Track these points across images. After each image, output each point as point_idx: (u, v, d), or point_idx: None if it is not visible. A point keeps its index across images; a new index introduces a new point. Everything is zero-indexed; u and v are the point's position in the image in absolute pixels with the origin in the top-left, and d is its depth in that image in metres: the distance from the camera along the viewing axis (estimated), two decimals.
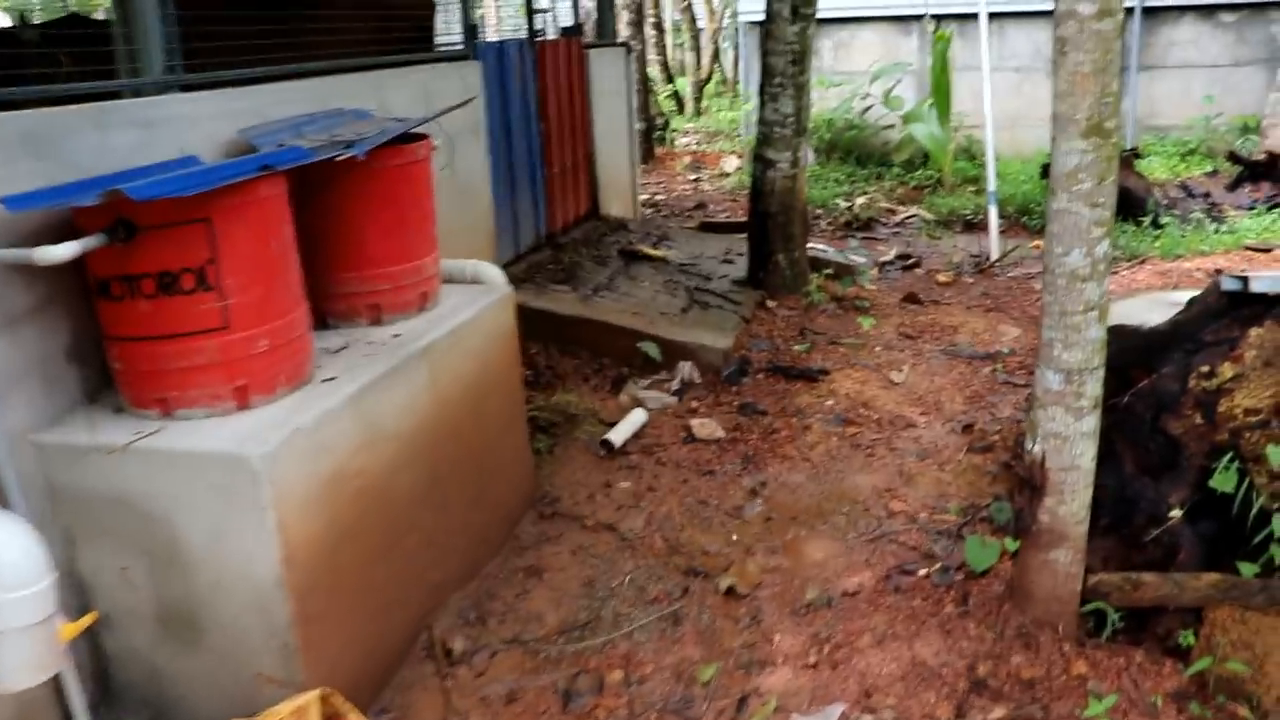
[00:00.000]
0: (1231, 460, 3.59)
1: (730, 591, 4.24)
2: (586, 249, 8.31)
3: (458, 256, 6.34)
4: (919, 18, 14.37)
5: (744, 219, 8.03)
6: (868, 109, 13.91)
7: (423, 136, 4.41)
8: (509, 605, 4.21)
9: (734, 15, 17.71)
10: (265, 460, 3.08)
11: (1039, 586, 3.55)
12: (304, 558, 3.28)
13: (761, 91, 7.74)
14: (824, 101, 14.44)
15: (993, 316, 7.45)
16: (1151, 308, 5.45)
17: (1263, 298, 3.77)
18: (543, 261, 7.74)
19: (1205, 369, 3.72)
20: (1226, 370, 3.68)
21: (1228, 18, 13.69)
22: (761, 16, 7.69)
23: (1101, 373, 3.27)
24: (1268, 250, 8.96)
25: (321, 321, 4.23)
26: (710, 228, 10.59)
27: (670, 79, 22.14)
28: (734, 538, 4.66)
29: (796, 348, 6.73)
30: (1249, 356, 3.67)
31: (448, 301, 4.55)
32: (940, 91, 12.50)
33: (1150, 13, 13.52)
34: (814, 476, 5.19)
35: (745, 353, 6.67)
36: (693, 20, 22.37)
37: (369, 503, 3.65)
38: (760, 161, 7.76)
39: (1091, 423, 3.30)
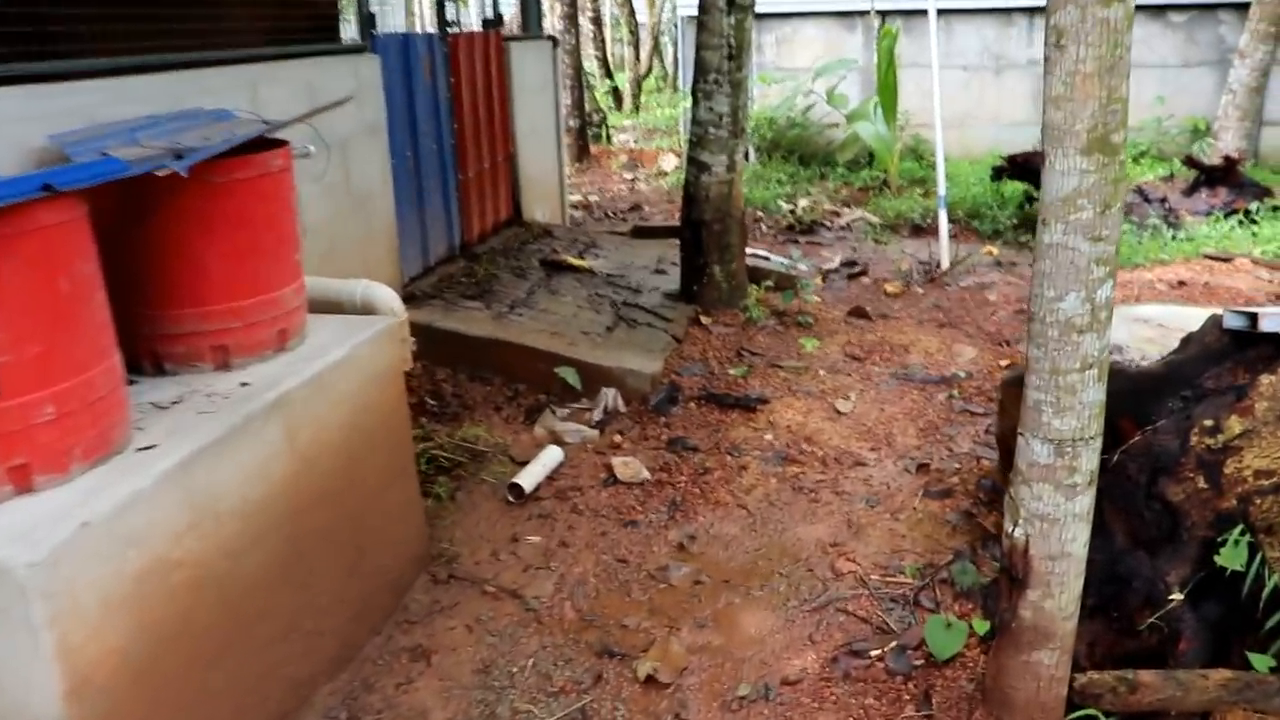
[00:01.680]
0: (1241, 532, 3.00)
1: (650, 680, 3.59)
2: (505, 259, 7.62)
3: (352, 273, 5.65)
4: (864, 13, 13.86)
5: (680, 223, 7.40)
6: (810, 107, 13.35)
7: (281, 143, 3.71)
8: (388, 700, 3.54)
9: (674, 9, 17.06)
10: (36, 570, 2.38)
11: (1019, 692, 2.94)
12: (104, 679, 2.58)
13: (695, 89, 7.10)
14: (765, 99, 13.87)
15: (946, 333, 6.87)
16: (1116, 325, 4.88)
17: (1273, 338, 3.18)
18: (455, 274, 7.05)
19: (1208, 423, 3.13)
20: (1233, 425, 3.09)
21: (1177, 18, 13.30)
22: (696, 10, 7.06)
23: (1099, 443, 2.66)
24: (1228, 259, 8.49)
25: (158, 366, 3.53)
26: (643, 233, 9.94)
27: (609, 74, 21.47)
28: (657, 608, 4.01)
29: (733, 371, 6.10)
30: (1260, 409, 3.08)
31: (317, 337, 3.86)
32: (886, 89, 11.94)
33: None
34: (750, 527, 4.56)
35: (676, 377, 6.03)
36: (632, 14, 21.70)
37: (202, 595, 2.96)
38: (694, 165, 7.12)
39: (1085, 502, 2.69)
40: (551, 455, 5.15)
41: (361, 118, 5.89)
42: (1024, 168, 10.17)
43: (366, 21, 5.99)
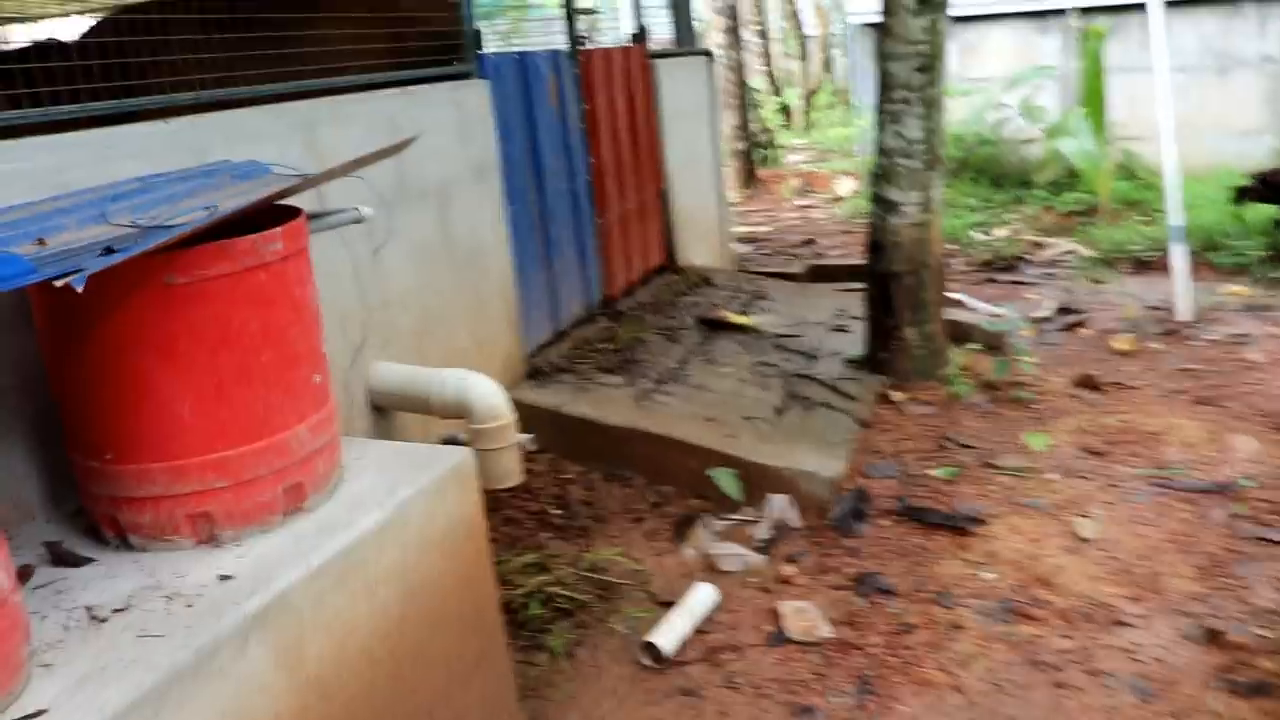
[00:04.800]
0: None
1: None
2: (654, 316, 6.47)
3: (455, 350, 4.59)
4: (1061, 13, 12.23)
5: (862, 261, 6.10)
6: (1002, 121, 11.83)
7: (291, 214, 2.63)
8: None
9: (845, 18, 15.70)
10: None
11: None
12: None
13: (880, 110, 5.81)
14: (952, 113, 12.37)
15: (1207, 414, 5.37)
16: None
17: None
18: (592, 339, 5.92)
19: None
20: None
21: None
22: (875, 16, 5.77)
23: None
24: None
25: (121, 537, 2.50)
26: (819, 274, 8.66)
27: (777, 91, 20.18)
28: None
29: (936, 473, 4.78)
30: None
31: (356, 484, 2.78)
32: (1093, 98, 10.36)
33: None
34: None
35: (863, 480, 4.76)
36: (798, 25, 20.35)
37: None
38: (880, 203, 5.83)
39: None
40: (701, 599, 3.95)
41: (465, 157, 4.82)
42: (1278, 188, 8.47)
43: (472, 40, 4.92)
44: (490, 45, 8.18)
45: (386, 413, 4.20)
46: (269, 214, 2.69)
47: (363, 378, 4.08)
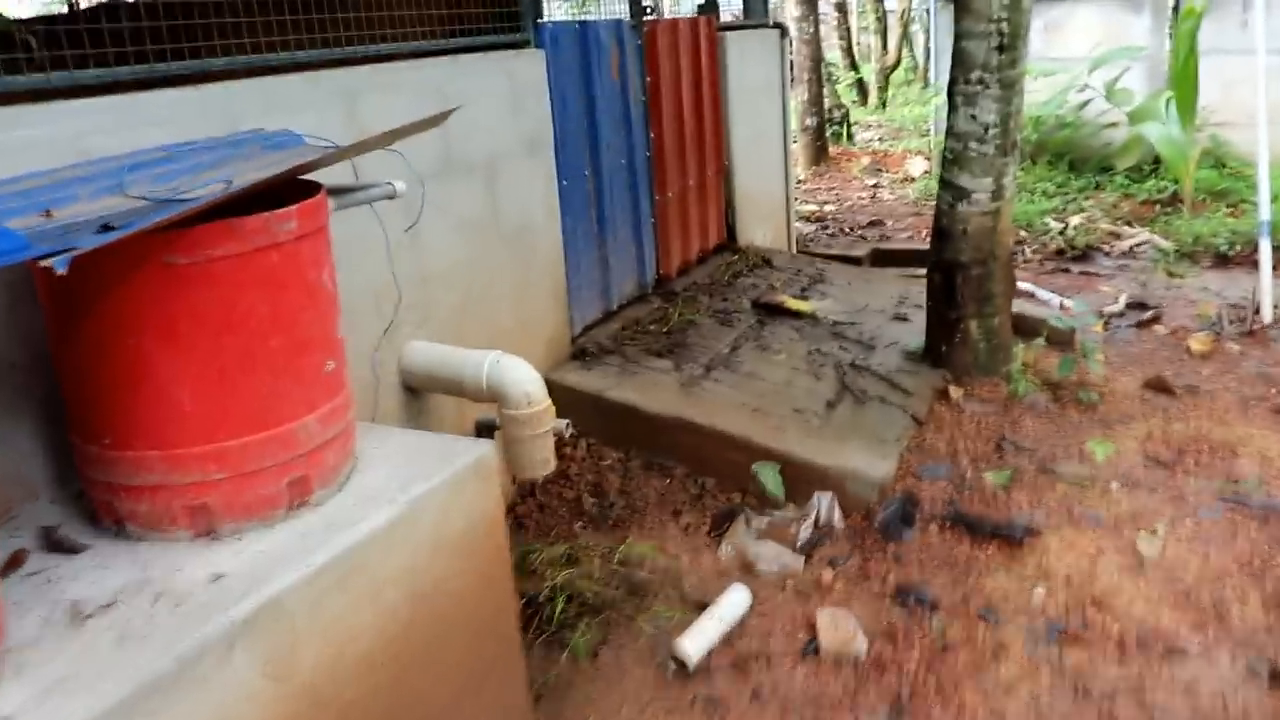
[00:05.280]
0: None
1: None
2: (709, 298, 6.28)
3: (497, 329, 4.46)
4: None
5: (927, 246, 5.85)
6: (1085, 104, 11.41)
7: (312, 189, 2.50)
8: None
9: None
10: None
11: None
12: None
13: (952, 91, 5.54)
14: (1032, 94, 11.96)
15: None
16: None
17: None
18: (643, 320, 5.75)
19: None
20: None
21: None
22: None
23: None
24: None
25: (118, 524, 2.40)
26: (883, 258, 8.42)
27: (854, 65, 19.74)
28: None
29: (990, 478, 4.56)
30: None
31: (370, 475, 2.65)
32: (1184, 82, 9.94)
33: None
34: None
35: (913, 482, 4.55)
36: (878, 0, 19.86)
37: None
38: (948, 189, 5.57)
39: None
40: (733, 604, 3.79)
41: (516, 130, 4.66)
42: None
43: (532, 6, 4.74)
44: (562, 12, 8.00)
45: (419, 393, 4.08)
46: (294, 188, 2.56)
47: (395, 356, 3.96)
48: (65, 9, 7.30)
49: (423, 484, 2.61)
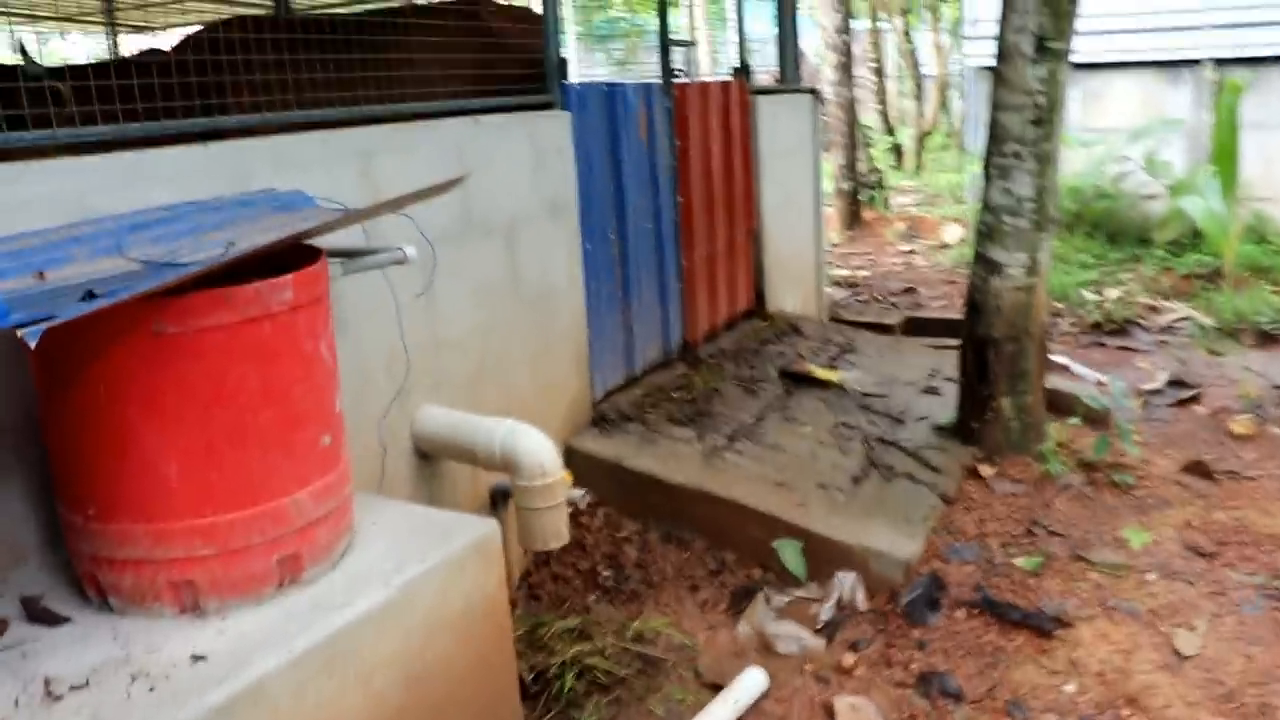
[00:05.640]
0: None
1: None
2: (735, 365, 6.17)
3: (515, 395, 4.35)
4: (1193, 63, 11.64)
5: (961, 316, 5.69)
6: (1124, 175, 11.29)
7: (312, 256, 2.41)
8: None
9: (963, 59, 15.22)
10: None
11: None
12: None
13: (987, 163, 5.44)
14: (1069, 164, 11.86)
15: None
16: None
17: None
18: (667, 387, 5.64)
19: None
20: None
21: None
22: (992, 60, 5.41)
23: None
24: None
25: (102, 596, 2.30)
26: (915, 327, 8.28)
27: (890, 130, 19.72)
28: None
29: (1020, 563, 4.39)
30: None
31: (368, 552, 2.54)
32: (1224, 156, 9.82)
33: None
34: None
35: (940, 564, 4.39)
36: (915, 65, 19.88)
37: None
38: (982, 263, 5.45)
39: None
40: (747, 687, 3.64)
41: (538, 192, 4.59)
42: None
43: (559, 68, 4.69)
44: (602, 71, 7.97)
45: (431, 459, 3.97)
46: (299, 252, 2.48)
47: (407, 421, 3.86)
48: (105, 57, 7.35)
49: (419, 565, 2.50)
